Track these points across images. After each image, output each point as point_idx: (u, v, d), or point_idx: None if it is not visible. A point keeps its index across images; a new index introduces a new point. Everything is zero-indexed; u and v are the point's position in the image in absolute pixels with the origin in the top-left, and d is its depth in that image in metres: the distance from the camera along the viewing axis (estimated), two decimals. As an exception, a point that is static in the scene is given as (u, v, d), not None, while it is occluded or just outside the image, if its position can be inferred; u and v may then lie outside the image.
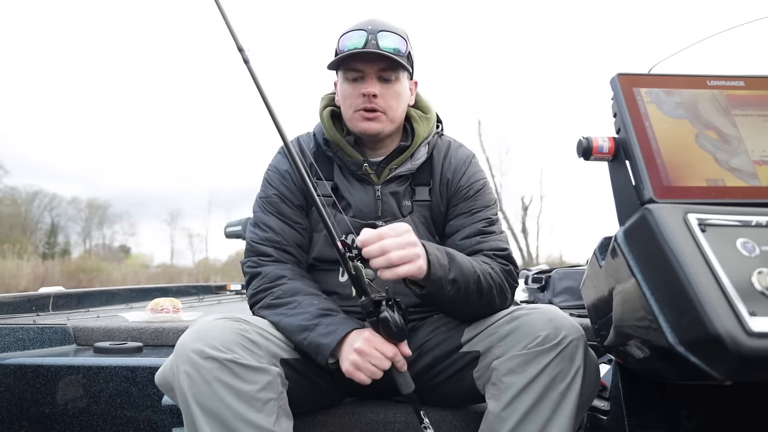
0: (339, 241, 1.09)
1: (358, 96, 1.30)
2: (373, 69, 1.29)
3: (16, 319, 2.13)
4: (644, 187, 0.85)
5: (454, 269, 1.12)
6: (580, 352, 1.08)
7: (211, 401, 1.02)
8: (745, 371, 0.69)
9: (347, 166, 1.36)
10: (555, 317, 1.10)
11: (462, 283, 1.13)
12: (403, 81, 1.35)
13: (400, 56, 1.29)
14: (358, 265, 1.09)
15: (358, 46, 1.27)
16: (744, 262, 0.72)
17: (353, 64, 1.30)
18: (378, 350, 1.09)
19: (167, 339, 1.89)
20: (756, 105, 0.95)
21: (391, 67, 1.30)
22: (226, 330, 1.07)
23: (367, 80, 1.30)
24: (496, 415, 1.10)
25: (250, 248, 1.33)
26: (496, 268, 1.23)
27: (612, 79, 0.96)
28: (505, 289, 1.23)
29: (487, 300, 1.19)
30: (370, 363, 1.08)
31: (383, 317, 1.08)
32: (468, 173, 1.38)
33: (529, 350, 1.08)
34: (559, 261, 17.52)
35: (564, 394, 1.07)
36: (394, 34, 1.30)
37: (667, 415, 1.02)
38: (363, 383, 1.10)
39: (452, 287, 1.12)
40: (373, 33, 1.28)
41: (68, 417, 1.64)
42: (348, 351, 1.11)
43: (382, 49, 1.27)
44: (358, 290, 1.10)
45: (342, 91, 1.35)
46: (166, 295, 2.60)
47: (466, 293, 1.14)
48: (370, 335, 1.10)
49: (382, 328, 1.09)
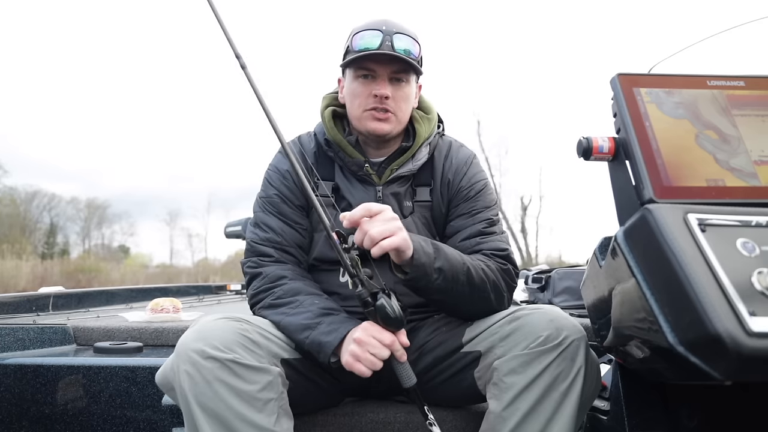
0: (335, 231, 1.11)
1: (369, 95, 1.30)
2: (386, 70, 1.29)
3: (16, 319, 2.13)
4: (644, 187, 0.85)
5: (441, 258, 1.14)
6: (582, 352, 1.08)
7: (212, 401, 1.02)
8: (745, 371, 0.69)
9: (348, 167, 1.36)
10: (556, 317, 1.10)
11: (449, 273, 1.14)
12: (413, 84, 1.35)
13: (413, 59, 1.30)
14: (354, 256, 1.11)
15: (372, 46, 1.27)
16: (744, 262, 0.72)
17: (366, 63, 1.30)
18: (375, 338, 1.09)
19: (167, 339, 1.89)
20: (756, 105, 0.95)
21: (404, 69, 1.30)
22: (227, 330, 1.07)
23: (379, 81, 1.30)
24: (497, 415, 1.10)
25: (250, 248, 1.32)
26: (492, 265, 1.23)
27: (612, 79, 0.96)
28: (501, 287, 1.23)
29: (480, 295, 1.19)
30: (368, 352, 1.08)
31: (380, 304, 1.08)
32: (469, 174, 1.38)
33: (530, 350, 1.08)
34: (558, 261, 17.56)
35: (565, 395, 1.07)
36: (408, 36, 1.30)
37: (667, 415, 1.02)
38: (364, 375, 1.09)
39: (439, 276, 1.13)
40: (389, 34, 1.28)
41: (68, 417, 1.64)
42: (348, 344, 1.11)
43: (396, 50, 1.27)
44: (355, 281, 1.10)
45: (352, 89, 1.34)
46: (166, 295, 2.60)
47: (455, 284, 1.15)
48: (368, 324, 1.11)
49: (379, 315, 1.09)
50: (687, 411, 1.02)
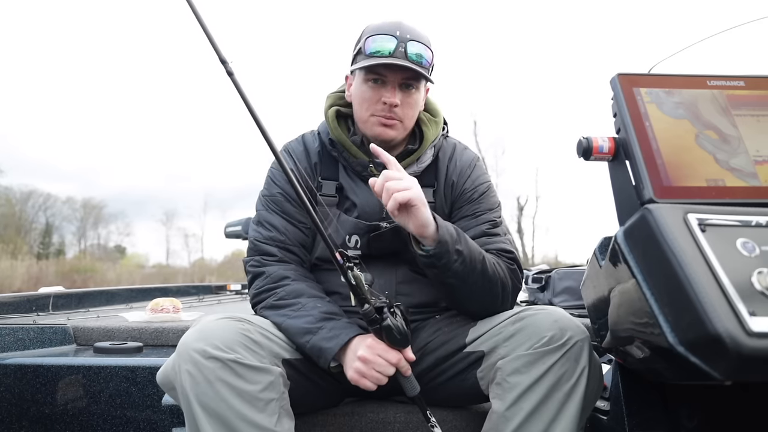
0: (338, 252, 1.11)
1: (378, 101, 1.29)
2: (397, 77, 1.28)
3: (16, 319, 2.13)
4: (644, 187, 0.85)
5: (462, 241, 1.15)
6: (586, 353, 1.08)
7: (213, 401, 1.02)
8: (745, 371, 0.69)
9: (352, 167, 1.36)
10: (560, 318, 1.11)
11: (468, 258, 1.15)
12: (422, 90, 1.34)
13: (425, 68, 1.28)
14: (357, 274, 1.10)
15: (385, 51, 1.25)
16: (744, 262, 0.72)
17: (379, 69, 1.28)
18: (382, 357, 1.09)
19: (167, 339, 1.89)
20: (756, 105, 0.95)
21: (415, 77, 1.29)
22: (228, 330, 1.07)
23: (389, 87, 1.28)
24: (501, 415, 1.10)
25: (253, 247, 1.32)
26: (503, 265, 1.24)
27: (612, 79, 0.96)
28: (508, 285, 1.23)
29: (491, 288, 1.19)
30: (374, 370, 1.09)
31: (386, 326, 1.08)
32: (473, 176, 1.38)
33: (534, 350, 1.08)
34: (554, 261, 17.56)
35: (569, 395, 1.07)
36: (422, 44, 1.28)
37: (667, 415, 1.02)
38: (368, 389, 1.11)
39: (458, 258, 1.13)
40: (403, 41, 1.26)
41: (68, 417, 1.64)
42: (351, 359, 1.11)
43: (410, 58, 1.26)
44: (359, 300, 1.10)
45: (360, 92, 1.32)
46: (166, 295, 2.60)
47: (472, 271, 1.15)
48: (373, 342, 1.11)
49: (385, 336, 1.09)
50: (687, 411, 1.02)
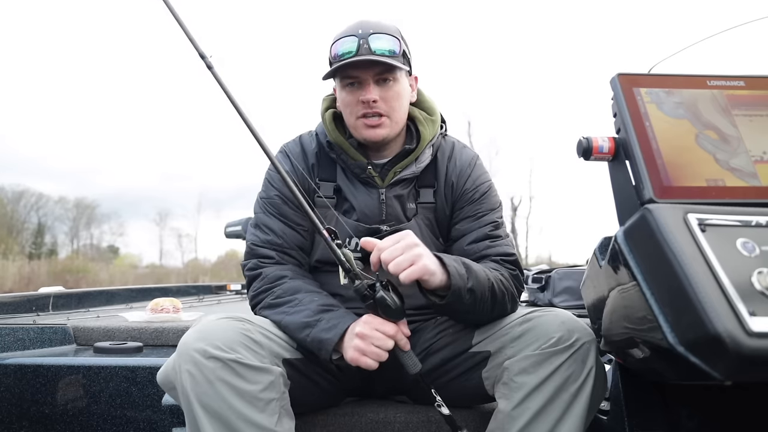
0: (325, 228, 1.12)
1: (358, 103, 1.28)
2: (369, 74, 1.26)
3: (16, 319, 2.13)
4: (644, 187, 0.85)
5: (472, 278, 1.12)
6: (592, 354, 1.09)
7: (214, 401, 1.02)
8: (745, 371, 0.69)
9: (351, 169, 1.35)
10: (568, 320, 1.11)
11: (479, 292, 1.13)
12: (402, 80, 1.32)
13: (394, 57, 1.26)
14: (347, 252, 1.11)
15: (350, 52, 1.24)
16: (744, 262, 0.72)
17: (348, 71, 1.27)
18: (379, 330, 1.09)
19: (167, 339, 1.89)
20: (756, 105, 0.95)
21: (387, 70, 1.27)
22: (229, 330, 1.07)
23: (364, 86, 1.27)
24: (507, 414, 1.10)
25: (250, 251, 1.31)
26: (506, 274, 1.23)
27: (612, 79, 0.96)
28: (514, 293, 1.24)
29: (499, 307, 1.19)
30: (373, 345, 1.08)
31: (380, 296, 1.09)
32: (473, 176, 1.37)
33: (542, 351, 1.08)
34: (548, 261, 17.56)
35: (575, 396, 1.07)
36: (385, 34, 1.26)
37: (667, 415, 1.02)
38: (370, 368, 1.09)
39: (470, 296, 1.12)
40: (365, 37, 1.24)
41: (68, 417, 1.64)
42: (350, 340, 1.11)
43: (375, 52, 1.24)
44: (350, 276, 1.10)
45: (342, 99, 1.32)
46: (166, 295, 2.59)
47: (482, 302, 1.15)
48: (369, 317, 1.11)
49: (379, 308, 1.09)
50: (687, 411, 1.02)
